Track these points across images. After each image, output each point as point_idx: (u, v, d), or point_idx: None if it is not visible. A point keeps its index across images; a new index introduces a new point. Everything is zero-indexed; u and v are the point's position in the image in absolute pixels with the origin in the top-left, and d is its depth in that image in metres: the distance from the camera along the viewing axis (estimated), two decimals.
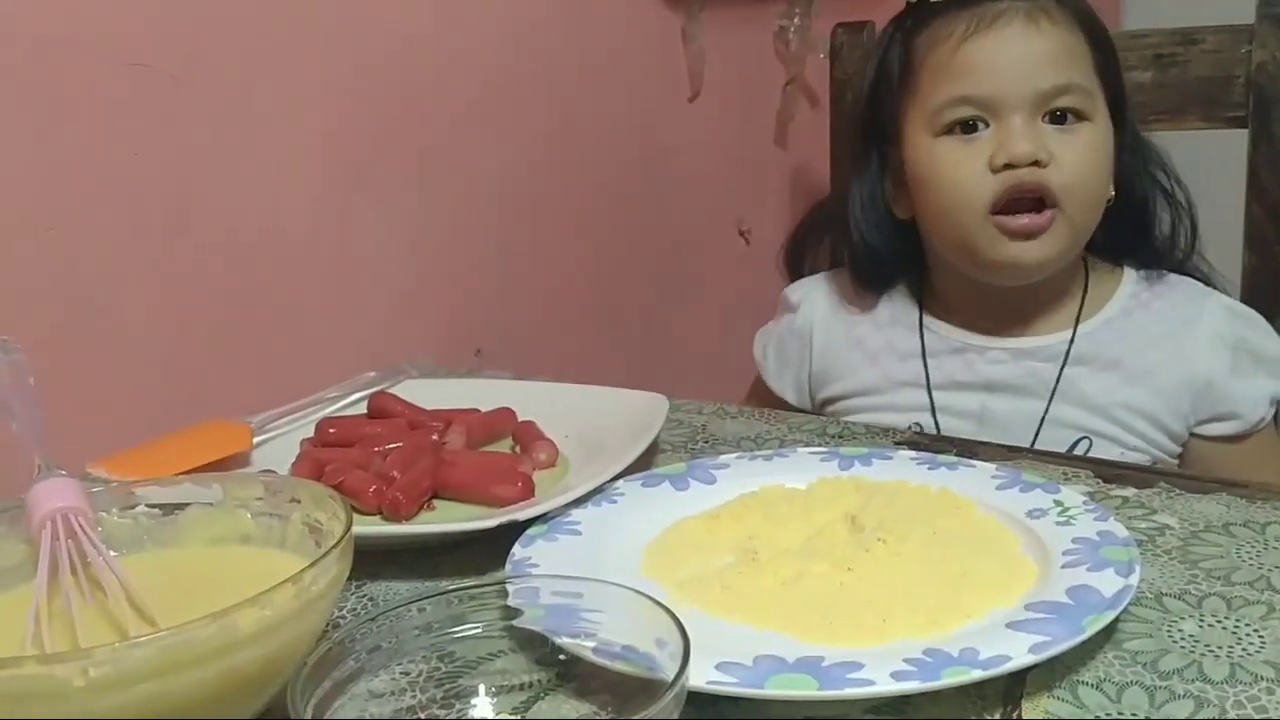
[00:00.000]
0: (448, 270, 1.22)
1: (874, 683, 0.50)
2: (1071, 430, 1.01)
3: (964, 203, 0.99)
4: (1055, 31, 0.99)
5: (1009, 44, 0.98)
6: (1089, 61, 1.00)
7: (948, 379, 1.06)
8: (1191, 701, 0.51)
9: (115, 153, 0.93)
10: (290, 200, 1.07)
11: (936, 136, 1.01)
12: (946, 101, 1.00)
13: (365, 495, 0.75)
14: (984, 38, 0.99)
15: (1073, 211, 0.97)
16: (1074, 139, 0.98)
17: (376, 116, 1.13)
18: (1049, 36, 0.98)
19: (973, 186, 0.98)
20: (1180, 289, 1.05)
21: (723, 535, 0.69)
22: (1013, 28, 0.99)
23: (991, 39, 0.99)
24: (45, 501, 0.58)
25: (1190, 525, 0.68)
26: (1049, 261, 0.99)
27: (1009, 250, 0.98)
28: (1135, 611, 0.58)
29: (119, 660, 0.45)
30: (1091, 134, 0.98)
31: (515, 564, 0.64)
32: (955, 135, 1.00)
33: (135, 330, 0.95)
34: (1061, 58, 0.98)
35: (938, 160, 1.01)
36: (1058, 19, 0.99)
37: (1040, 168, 0.96)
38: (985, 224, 0.98)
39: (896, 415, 1.05)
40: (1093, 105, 0.99)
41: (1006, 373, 1.03)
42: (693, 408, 0.96)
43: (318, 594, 0.51)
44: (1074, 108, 0.98)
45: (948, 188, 1.00)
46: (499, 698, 0.53)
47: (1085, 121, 0.98)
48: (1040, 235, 0.98)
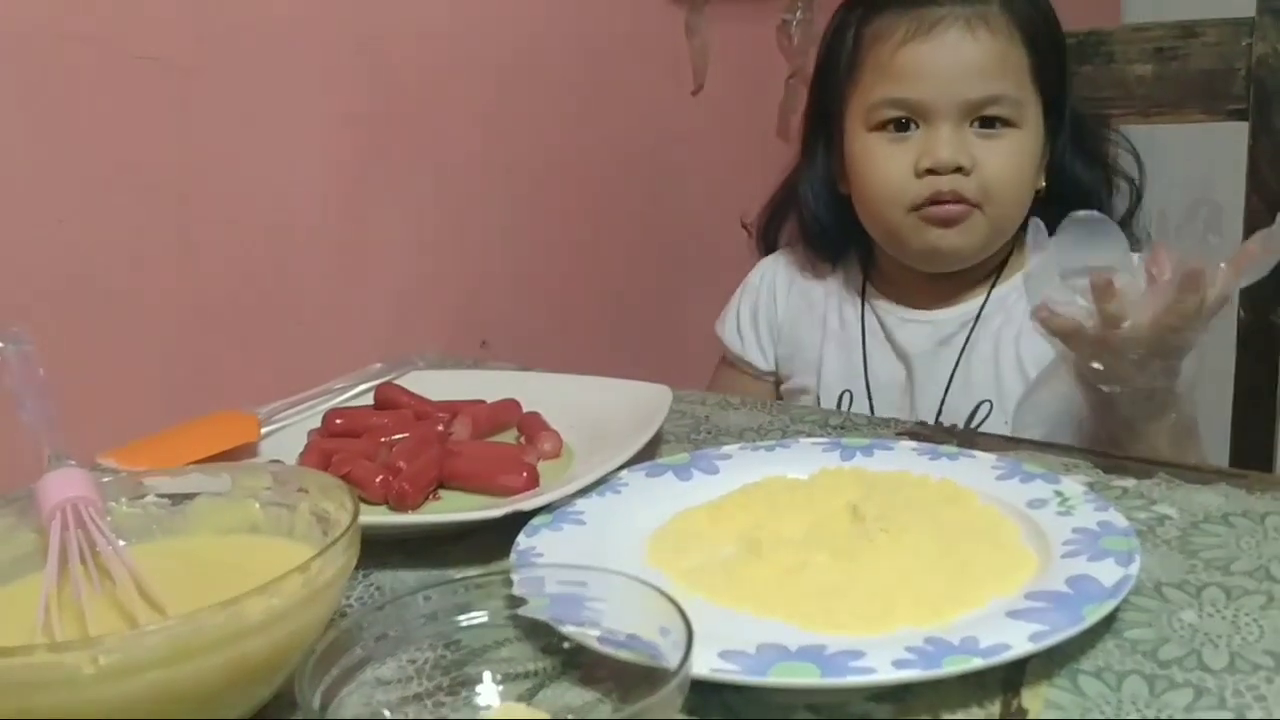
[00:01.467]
0: (454, 263, 1.23)
1: (875, 671, 0.50)
2: (976, 393, 1.05)
3: (889, 199, 1.04)
4: (992, 41, 1.01)
5: (943, 52, 1.01)
6: (1024, 69, 1.02)
7: (879, 349, 1.11)
8: (1191, 690, 0.51)
9: (125, 146, 0.93)
10: (298, 193, 1.07)
11: (870, 131, 1.05)
12: (880, 101, 1.04)
13: (372, 485, 0.75)
14: (921, 44, 1.02)
15: (993, 212, 1.02)
16: (998, 146, 1.01)
17: (384, 111, 1.14)
18: (984, 46, 1.01)
19: (898, 185, 1.03)
20: None
21: (726, 525, 0.69)
22: (949, 36, 1.01)
23: (928, 46, 1.01)
24: (55, 491, 0.59)
25: (1190, 515, 0.68)
26: (966, 250, 1.03)
27: (928, 236, 1.03)
28: (1135, 601, 0.59)
29: (128, 648, 0.46)
30: (1017, 141, 1.02)
31: (520, 553, 0.65)
32: (887, 132, 1.04)
33: (144, 322, 0.96)
34: (994, 68, 1.01)
35: (869, 155, 1.05)
36: (997, 27, 1.01)
37: (962, 175, 1.00)
38: (907, 217, 1.03)
39: (834, 380, 1.12)
40: (1021, 113, 1.02)
41: (923, 343, 1.08)
42: (696, 399, 0.97)
43: (325, 583, 0.51)
44: (1001, 116, 1.01)
45: (876, 183, 1.04)
46: (504, 685, 0.53)
47: (1012, 128, 1.01)
48: (958, 224, 1.02)
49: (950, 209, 1.01)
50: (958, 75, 1.01)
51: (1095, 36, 1.18)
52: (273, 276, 1.06)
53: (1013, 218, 1.04)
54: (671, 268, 1.49)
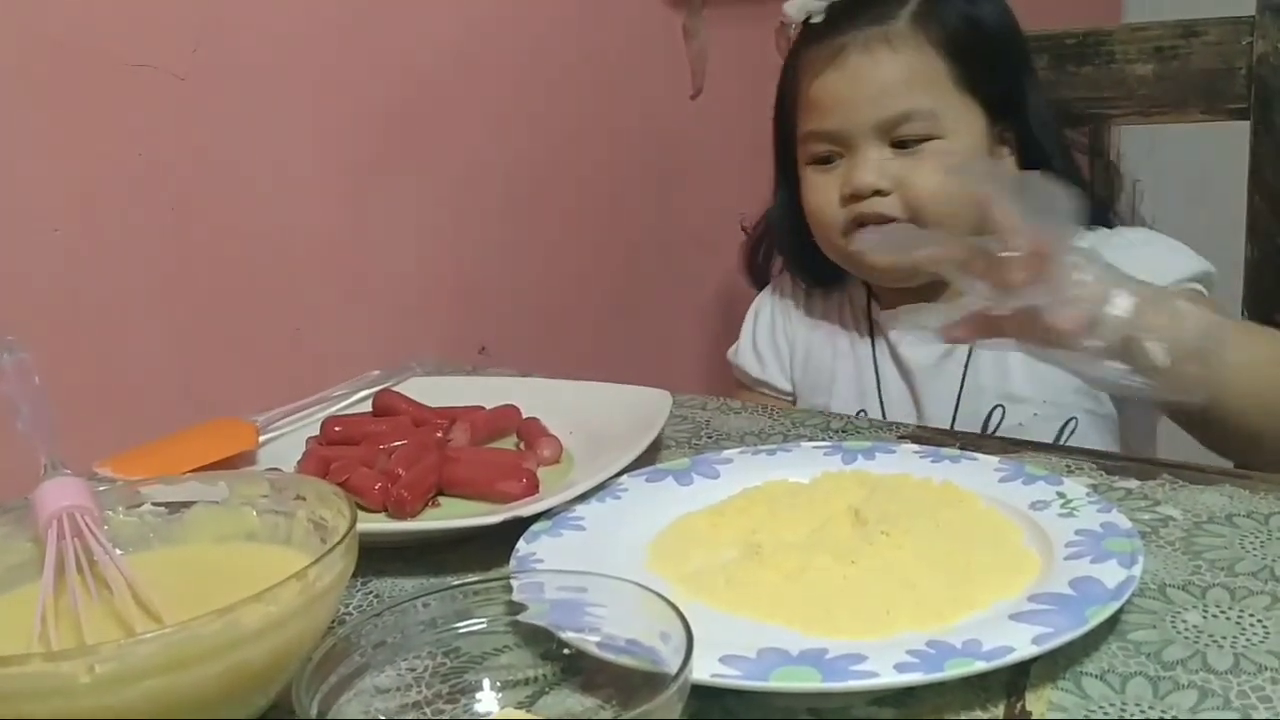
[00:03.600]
0: (452, 268, 1.23)
1: (877, 674, 0.50)
2: (988, 398, 1.04)
3: (825, 228, 1.05)
4: (895, 59, 1.00)
5: (847, 79, 1.01)
6: (943, 77, 1.01)
7: (888, 366, 1.11)
8: (1195, 692, 0.51)
9: (121, 154, 0.93)
10: (294, 200, 1.07)
11: (807, 164, 1.06)
12: (806, 135, 1.05)
13: (370, 492, 0.75)
14: (829, 74, 1.02)
15: (929, 225, 1.00)
16: (921, 161, 1.00)
17: (381, 116, 1.14)
18: (887, 66, 1.00)
19: (829, 215, 1.03)
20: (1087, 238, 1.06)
21: (726, 530, 0.69)
22: (851, 62, 1.01)
23: (834, 75, 1.02)
24: (52, 500, 0.59)
25: (1193, 516, 0.68)
26: (901, 266, 1.00)
27: (864, 259, 1.03)
28: (1139, 603, 0.58)
29: (124, 657, 0.45)
30: (941, 152, 1.00)
31: (520, 559, 0.64)
32: (818, 164, 1.05)
33: (141, 330, 0.96)
34: (900, 86, 1.00)
35: (807, 187, 1.06)
36: (901, 44, 1.00)
37: (883, 196, 1.00)
38: (842, 242, 1.03)
39: (848, 400, 1.12)
40: (941, 124, 1.00)
41: (928, 356, 1.08)
42: (696, 403, 0.97)
43: (322, 590, 0.51)
44: (919, 133, 1.00)
45: (812, 214, 1.06)
46: (504, 692, 0.53)
47: (934, 140, 1.00)
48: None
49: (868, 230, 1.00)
50: (862, 99, 1.00)
51: (1095, 36, 1.18)
52: (270, 284, 1.05)
53: (954, 227, 0.99)
54: (671, 272, 1.49)
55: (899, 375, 1.10)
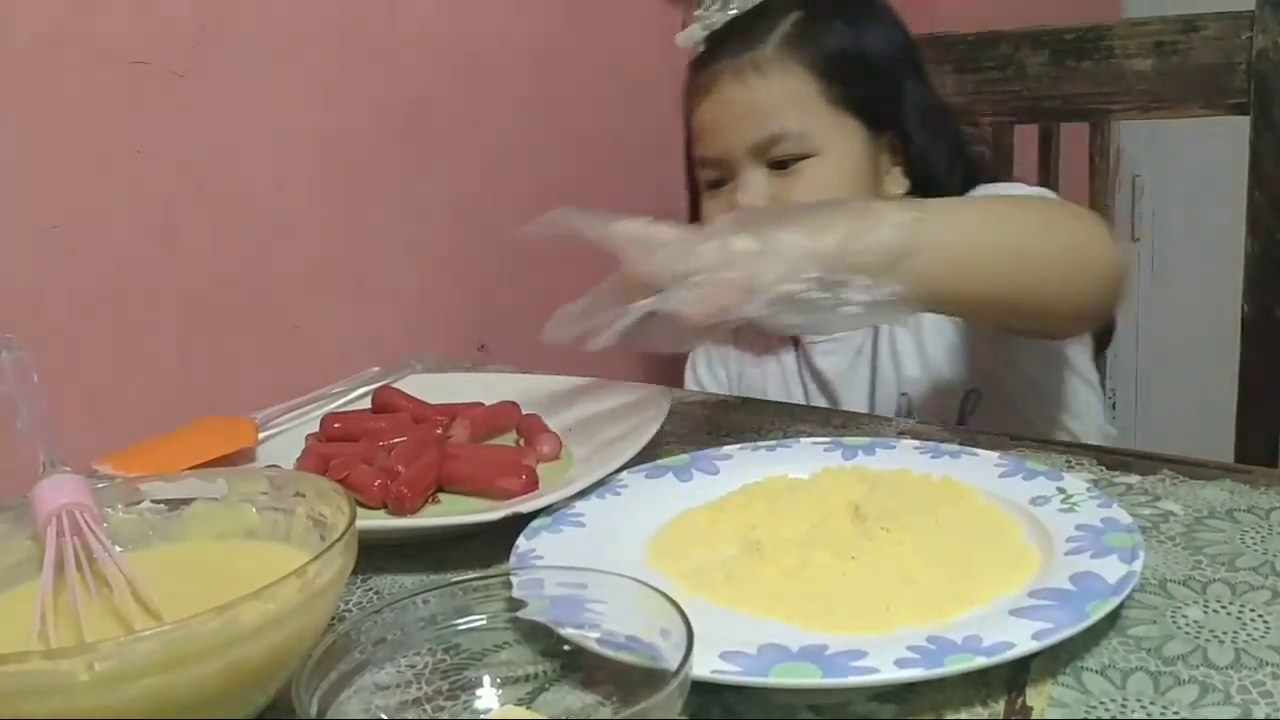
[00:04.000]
0: (451, 265, 1.22)
1: (878, 670, 0.50)
2: (893, 389, 1.06)
3: None
4: (763, 83, 1.02)
5: (720, 106, 1.04)
6: (815, 97, 1.02)
7: (811, 381, 1.13)
8: (1196, 687, 0.51)
9: (118, 151, 0.93)
10: (294, 197, 1.07)
11: (703, 191, 1.09)
12: (696, 161, 1.08)
13: (370, 489, 0.75)
14: (704, 102, 1.05)
15: None
16: (797, 183, 1.02)
17: (380, 113, 1.13)
18: (755, 90, 1.02)
19: None
20: None
21: (726, 526, 0.69)
22: (722, 89, 1.03)
23: (709, 103, 1.05)
24: (50, 498, 0.58)
25: (1194, 511, 0.68)
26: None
27: None
28: (1139, 598, 0.58)
29: (123, 655, 0.45)
30: (817, 171, 1.02)
31: (520, 556, 0.64)
32: (711, 190, 1.07)
33: (139, 328, 0.96)
34: (769, 108, 1.02)
35: (704, 214, 1.08)
36: (769, 68, 1.02)
37: None
38: None
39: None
40: (815, 142, 1.02)
41: (840, 363, 1.10)
42: (696, 399, 0.96)
43: (322, 587, 0.51)
44: (791, 153, 1.01)
45: None
46: (504, 689, 0.53)
47: (810, 159, 1.01)
48: None
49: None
50: (734, 125, 1.02)
51: (1095, 31, 1.18)
52: (269, 281, 1.05)
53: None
54: None
55: (818, 385, 1.12)
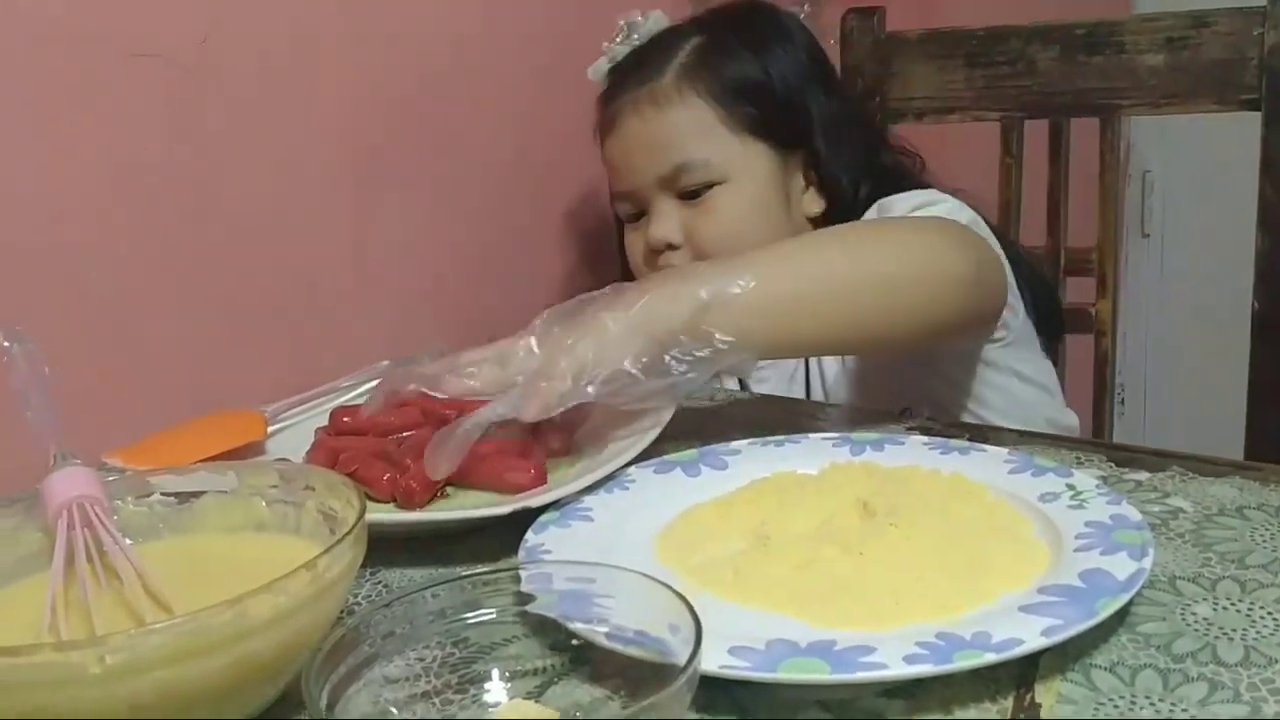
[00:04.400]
0: (462, 259, 1.22)
1: (886, 666, 0.50)
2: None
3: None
4: (661, 115, 1.03)
5: (623, 141, 1.05)
6: (716, 125, 1.03)
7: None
8: (1205, 684, 0.51)
9: (128, 143, 0.93)
10: (304, 190, 1.07)
11: (624, 225, 1.10)
12: (611, 196, 1.10)
13: (379, 483, 0.75)
14: (611, 139, 1.07)
15: None
16: (707, 212, 1.03)
17: (391, 106, 1.13)
18: (654, 123, 1.03)
19: (641, 271, 1.07)
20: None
21: (735, 521, 0.69)
22: (624, 125, 1.05)
23: (613, 139, 1.07)
24: (61, 490, 0.59)
25: (1204, 509, 0.68)
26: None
27: None
28: (1148, 595, 0.58)
29: (134, 647, 0.46)
30: (727, 196, 1.03)
31: (528, 550, 0.64)
32: (630, 223, 1.08)
33: (149, 321, 0.96)
34: (671, 139, 1.02)
35: (626, 246, 1.10)
36: (665, 100, 1.03)
37: (674, 249, 1.03)
38: None
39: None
40: (720, 170, 1.02)
41: (778, 387, 1.10)
42: (704, 394, 0.96)
43: (332, 580, 0.51)
44: (698, 182, 1.02)
45: (632, 271, 1.09)
46: (513, 683, 0.53)
47: (718, 186, 1.02)
48: None
49: None
50: (639, 158, 1.04)
51: (1106, 27, 1.17)
52: (279, 274, 1.05)
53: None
54: None
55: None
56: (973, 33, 1.25)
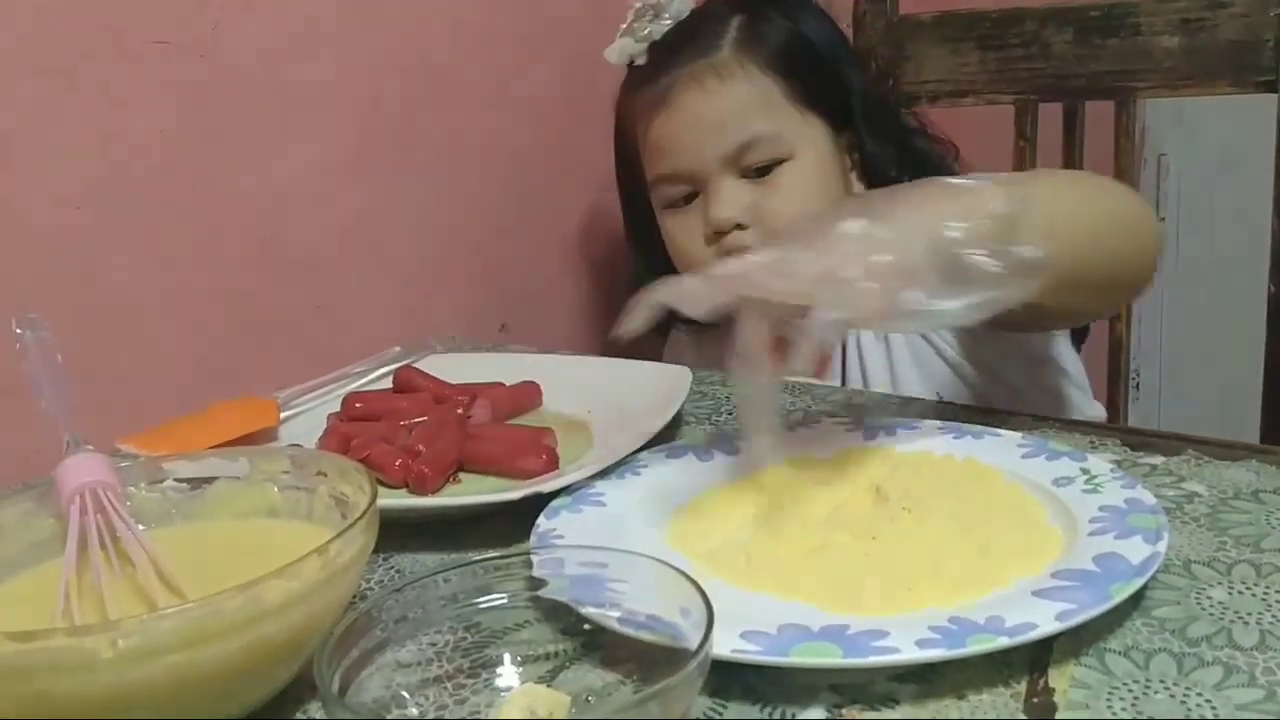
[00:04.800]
0: (473, 245, 1.22)
1: (899, 650, 0.50)
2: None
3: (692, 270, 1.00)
4: (725, 88, 0.98)
5: (682, 117, 1.00)
6: (779, 97, 1.00)
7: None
8: (1220, 668, 0.50)
9: (138, 131, 0.93)
10: (315, 177, 1.07)
11: (664, 210, 1.04)
12: (655, 180, 1.04)
13: (391, 469, 0.75)
14: (663, 115, 1.00)
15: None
16: (774, 189, 0.99)
17: (402, 92, 1.13)
18: (719, 96, 0.99)
19: (696, 257, 1.01)
20: None
21: (747, 506, 0.69)
22: (683, 99, 0.99)
23: (668, 115, 1.00)
24: (74, 476, 0.59)
25: (1219, 493, 0.67)
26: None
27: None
28: (1163, 579, 0.58)
29: (147, 632, 0.46)
30: (794, 173, 0.99)
31: (540, 535, 0.64)
32: (676, 208, 1.03)
33: (163, 308, 0.96)
34: (737, 114, 0.98)
35: (668, 234, 1.05)
36: (729, 71, 0.99)
37: (744, 229, 0.98)
38: None
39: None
40: (788, 144, 0.99)
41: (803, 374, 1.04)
42: (716, 379, 0.96)
43: (344, 565, 0.51)
44: (766, 159, 0.98)
45: (678, 258, 1.04)
46: (525, 667, 0.53)
47: (785, 162, 0.99)
48: None
49: None
50: (702, 135, 0.99)
51: (1121, 8, 1.16)
52: (292, 261, 1.05)
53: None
54: None
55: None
56: (986, 15, 1.24)
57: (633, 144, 1.07)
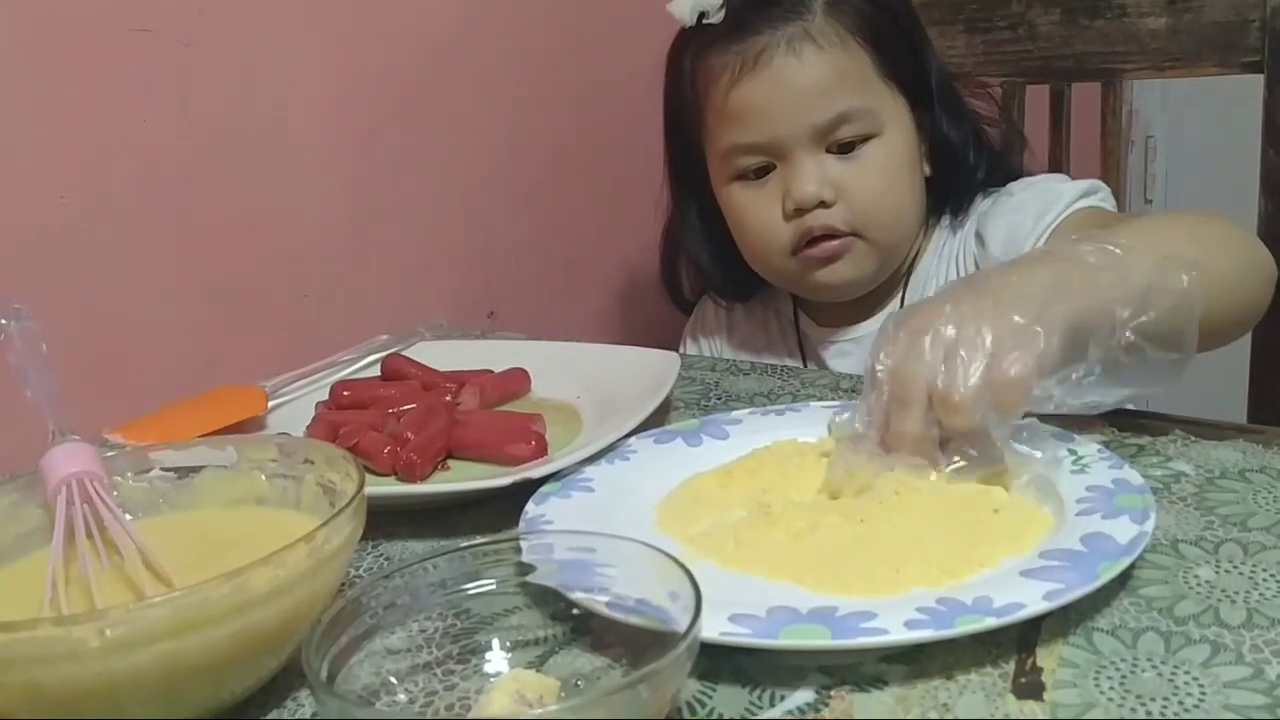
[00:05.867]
0: (461, 233, 1.22)
1: (888, 631, 0.50)
2: None
3: (766, 249, 0.99)
4: (822, 57, 0.93)
5: (775, 85, 0.93)
6: (870, 70, 0.95)
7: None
8: (1208, 646, 0.51)
9: (125, 120, 0.93)
10: (302, 165, 1.06)
11: (731, 181, 0.99)
12: (729, 149, 0.98)
13: (380, 456, 0.75)
14: (750, 81, 0.94)
15: (874, 236, 0.97)
16: (861, 166, 0.95)
17: (389, 80, 1.13)
18: (815, 66, 0.93)
19: (771, 233, 0.98)
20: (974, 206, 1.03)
21: (736, 490, 0.69)
22: (775, 65, 0.93)
23: (757, 82, 0.94)
24: (60, 467, 0.59)
25: (1206, 472, 0.68)
26: (858, 281, 0.99)
27: (816, 277, 0.99)
28: (1151, 558, 0.58)
29: (134, 621, 0.46)
30: (881, 152, 0.96)
31: (529, 521, 0.64)
32: (747, 180, 0.98)
33: (148, 297, 0.96)
34: (833, 85, 0.93)
35: (735, 207, 1.00)
36: (825, 40, 0.94)
37: (826, 208, 0.95)
38: (789, 262, 0.98)
39: None
40: (879, 119, 0.95)
41: (858, 365, 1.01)
42: (705, 364, 0.96)
43: (331, 553, 0.51)
44: (856, 134, 0.95)
45: (750, 235, 1.00)
46: (514, 652, 0.53)
47: (873, 140, 0.95)
48: (841, 258, 0.97)
49: (827, 246, 0.96)
50: (796, 104, 0.93)
51: None
52: (277, 249, 1.05)
53: (900, 229, 0.99)
54: None
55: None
56: None
57: (696, 109, 1.01)
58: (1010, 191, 1.00)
